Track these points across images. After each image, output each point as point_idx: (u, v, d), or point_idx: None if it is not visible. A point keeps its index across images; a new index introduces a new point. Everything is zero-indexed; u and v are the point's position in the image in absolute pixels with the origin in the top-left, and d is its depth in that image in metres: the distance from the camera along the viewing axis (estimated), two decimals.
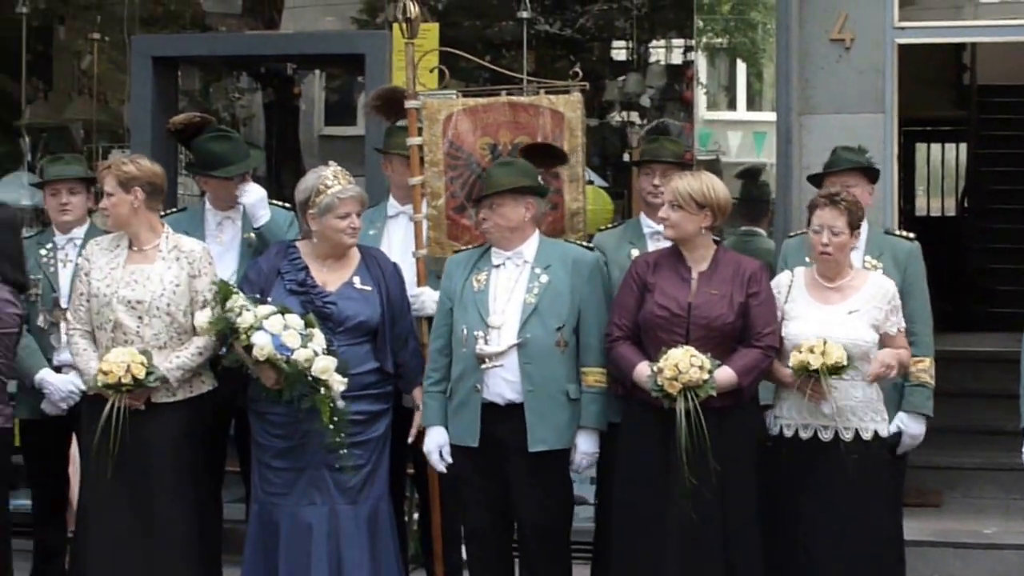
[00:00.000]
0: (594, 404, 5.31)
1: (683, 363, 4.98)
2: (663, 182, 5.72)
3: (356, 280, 5.45)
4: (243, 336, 5.15)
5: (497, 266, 5.37)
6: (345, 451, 5.24)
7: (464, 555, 5.74)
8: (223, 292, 5.25)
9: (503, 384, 5.26)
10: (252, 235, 5.84)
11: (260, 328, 5.14)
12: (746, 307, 5.18)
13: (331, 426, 5.16)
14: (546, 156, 5.61)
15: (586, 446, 5.33)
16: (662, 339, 5.13)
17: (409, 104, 5.81)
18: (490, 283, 5.34)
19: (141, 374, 5.18)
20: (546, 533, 5.35)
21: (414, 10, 5.81)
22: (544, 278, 5.31)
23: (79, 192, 6.00)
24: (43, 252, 5.96)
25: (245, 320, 5.17)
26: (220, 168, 5.82)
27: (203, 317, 5.27)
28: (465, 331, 5.30)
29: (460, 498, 5.49)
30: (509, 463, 5.30)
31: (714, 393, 5.00)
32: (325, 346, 5.20)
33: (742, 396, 5.15)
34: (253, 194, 5.80)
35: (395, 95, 5.99)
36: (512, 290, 5.32)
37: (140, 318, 5.32)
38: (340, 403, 5.20)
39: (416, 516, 6.46)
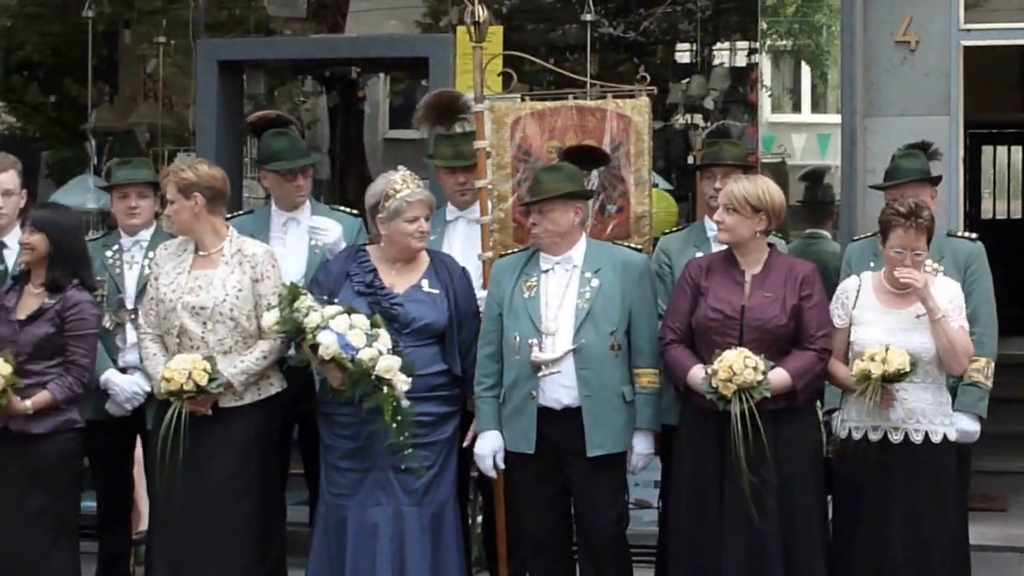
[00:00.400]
0: (648, 406, 5.31)
1: (737, 364, 4.97)
2: (724, 185, 5.71)
3: (424, 283, 5.48)
4: (309, 336, 5.19)
5: (546, 271, 5.36)
6: (409, 451, 5.26)
7: None
8: (291, 293, 5.28)
9: (560, 389, 5.26)
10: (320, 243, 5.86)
11: (326, 328, 5.18)
12: (799, 310, 5.16)
13: (394, 425, 5.18)
14: (588, 157, 5.59)
15: (642, 447, 5.33)
16: (716, 342, 5.12)
17: (476, 107, 5.83)
18: (540, 289, 5.33)
19: (203, 381, 5.20)
20: (606, 536, 5.33)
21: (482, 14, 5.83)
22: (595, 282, 5.30)
23: (147, 196, 6.06)
24: (108, 254, 6.02)
25: (312, 320, 5.20)
26: (274, 163, 5.87)
27: (271, 318, 5.30)
28: (518, 338, 5.29)
29: (517, 504, 5.48)
30: (567, 468, 5.30)
31: (768, 394, 4.99)
32: (390, 346, 5.23)
33: (796, 399, 5.12)
34: (333, 233, 5.83)
35: (442, 102, 5.99)
36: (563, 295, 5.31)
37: (204, 324, 5.35)
38: (404, 403, 5.22)
39: (479, 519, 6.47)
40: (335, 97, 11.14)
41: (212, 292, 5.36)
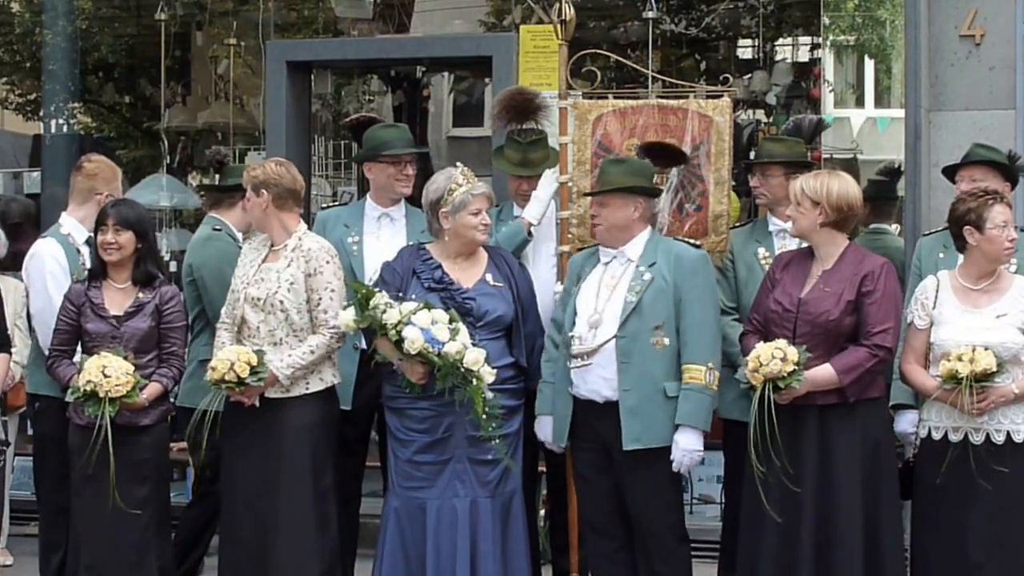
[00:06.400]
0: (688, 402, 5.23)
1: (764, 355, 5.00)
2: (762, 183, 5.77)
3: (488, 277, 5.55)
4: (392, 332, 5.26)
5: (606, 263, 5.40)
6: (497, 441, 5.33)
7: None
8: (365, 294, 5.35)
9: (600, 382, 5.28)
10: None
11: (409, 323, 5.24)
12: (857, 305, 5.14)
13: (484, 417, 5.25)
14: (668, 155, 5.61)
15: (685, 443, 5.23)
16: (776, 334, 5.15)
17: (560, 104, 5.88)
18: (588, 283, 5.37)
19: (244, 373, 5.30)
20: (654, 530, 5.32)
21: (569, 12, 5.88)
22: (647, 276, 5.30)
23: None
24: None
25: (391, 316, 5.26)
26: (389, 149, 5.94)
27: (347, 316, 5.37)
28: (565, 334, 5.36)
29: (578, 493, 5.53)
30: (612, 461, 5.32)
31: (797, 386, 4.99)
32: (470, 340, 5.30)
33: (845, 394, 5.10)
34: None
35: (517, 100, 6.04)
36: (614, 288, 5.34)
37: (260, 314, 5.47)
38: (488, 395, 5.28)
39: (542, 512, 6.50)
40: (400, 96, 11.23)
41: (268, 284, 5.47)
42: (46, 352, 5.76)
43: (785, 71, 10.57)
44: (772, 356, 4.99)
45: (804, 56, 10.79)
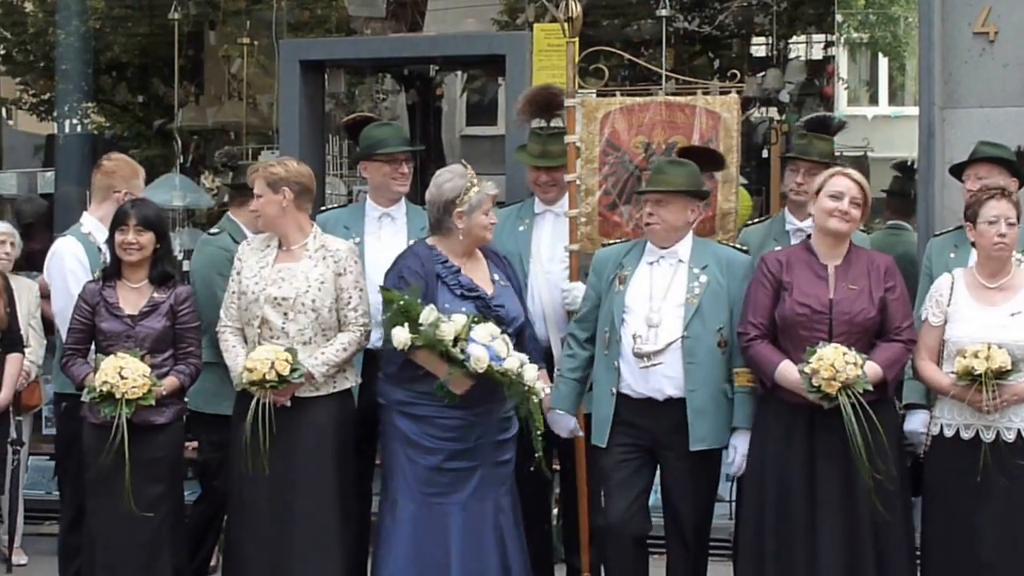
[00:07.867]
0: (747, 405, 5.29)
1: (838, 362, 4.96)
2: (807, 181, 5.69)
3: (496, 277, 5.53)
4: (455, 349, 5.18)
5: (651, 263, 5.38)
6: (539, 455, 5.32)
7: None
8: (403, 305, 5.25)
9: (663, 380, 5.27)
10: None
11: (470, 340, 5.19)
12: (884, 302, 5.15)
13: (539, 432, 5.23)
14: (702, 160, 5.56)
15: (745, 447, 5.29)
16: (803, 337, 5.11)
17: (568, 102, 5.87)
18: (632, 281, 5.34)
19: (285, 371, 5.28)
20: (697, 529, 5.37)
21: (576, 9, 5.88)
22: (703, 278, 5.30)
23: None
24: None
25: (447, 332, 5.21)
26: (382, 148, 5.94)
27: (403, 336, 5.23)
28: (608, 333, 5.32)
29: (605, 494, 5.46)
30: (663, 459, 5.33)
31: (869, 387, 4.98)
32: (521, 353, 5.27)
33: (886, 391, 5.13)
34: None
35: (541, 97, 6.05)
36: (668, 288, 5.33)
37: (286, 314, 5.44)
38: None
39: (554, 511, 6.51)
40: (413, 95, 11.25)
41: (295, 284, 5.44)
42: None
43: (798, 69, 10.58)
44: (845, 362, 4.97)
45: (818, 54, 10.80)
